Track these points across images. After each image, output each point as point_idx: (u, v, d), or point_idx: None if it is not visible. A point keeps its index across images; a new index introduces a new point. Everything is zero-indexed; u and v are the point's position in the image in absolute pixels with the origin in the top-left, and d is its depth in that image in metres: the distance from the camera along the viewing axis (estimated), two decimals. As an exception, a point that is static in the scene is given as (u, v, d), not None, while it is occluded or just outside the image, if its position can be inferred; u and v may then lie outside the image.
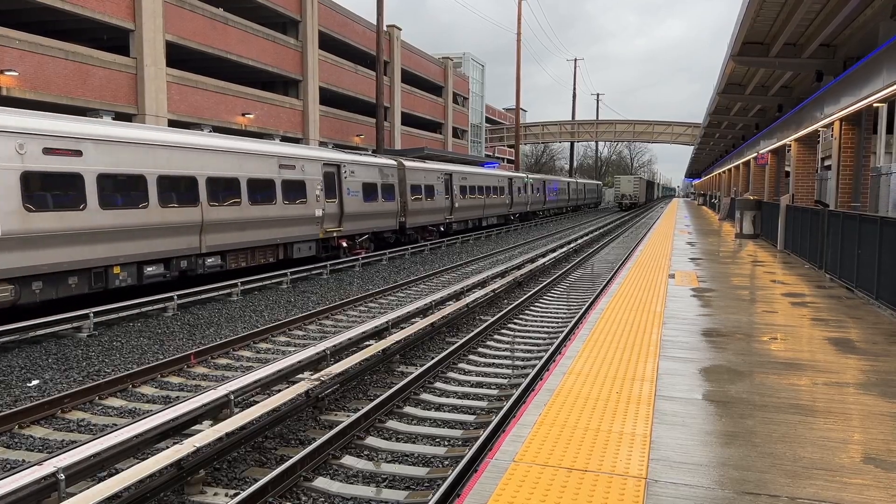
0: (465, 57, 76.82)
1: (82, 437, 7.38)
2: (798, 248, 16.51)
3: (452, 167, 33.47)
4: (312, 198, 20.39)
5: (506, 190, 42.09)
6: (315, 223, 20.71)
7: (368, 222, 24.16)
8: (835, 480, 4.12)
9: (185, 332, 12.58)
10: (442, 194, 31.34)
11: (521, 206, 46.92)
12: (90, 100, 24.42)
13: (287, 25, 37.83)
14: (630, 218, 59.98)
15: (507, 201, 42.68)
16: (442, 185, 31.38)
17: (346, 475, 6.39)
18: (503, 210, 42.10)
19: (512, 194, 43.67)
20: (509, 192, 42.91)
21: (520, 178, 46.45)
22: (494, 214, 40.37)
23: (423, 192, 29.30)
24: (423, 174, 29.47)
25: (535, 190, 50.47)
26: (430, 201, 30.02)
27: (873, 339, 7.96)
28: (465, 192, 34.30)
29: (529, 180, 48.72)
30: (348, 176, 22.62)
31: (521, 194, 45.93)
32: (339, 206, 22.02)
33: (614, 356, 6.97)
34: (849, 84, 13.94)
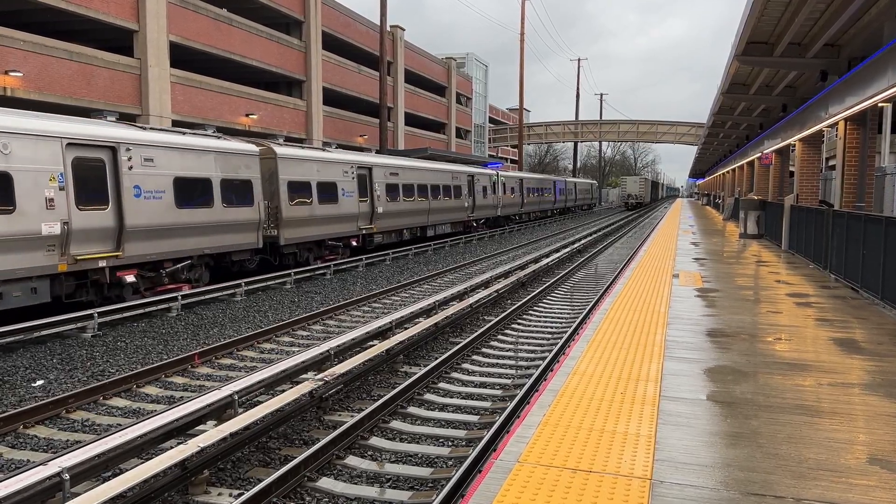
0: (468, 57, 76.80)
1: (87, 437, 7.39)
2: (802, 248, 16.47)
3: (374, 158, 25.23)
4: None
5: (464, 190, 34.10)
6: None
7: (187, 240, 15.60)
8: (840, 481, 4.10)
9: (189, 332, 12.59)
10: (353, 196, 22.72)
11: (488, 210, 38.80)
12: (94, 100, 24.46)
13: (290, 26, 37.86)
14: (634, 218, 59.88)
15: (466, 204, 34.39)
16: (353, 183, 22.83)
17: (350, 475, 6.39)
18: (459, 215, 33.70)
19: (473, 195, 35.72)
20: (469, 192, 35.02)
21: (485, 176, 38.23)
22: (446, 221, 31.96)
23: (315, 192, 20.63)
24: (313, 167, 20.72)
25: (509, 190, 42.85)
26: (328, 206, 21.29)
27: (878, 339, 7.93)
28: (395, 193, 26.00)
29: (501, 178, 41.05)
30: (137, 167, 14.22)
31: (487, 195, 38.05)
32: (117, 216, 13.74)
33: (618, 357, 6.96)
34: (853, 84, 13.91)
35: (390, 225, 25.98)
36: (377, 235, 25.06)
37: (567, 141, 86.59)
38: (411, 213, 27.77)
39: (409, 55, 53.20)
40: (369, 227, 24.08)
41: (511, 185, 43.39)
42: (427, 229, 30.02)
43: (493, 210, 39.56)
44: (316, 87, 39.00)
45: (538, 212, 52.93)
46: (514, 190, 43.90)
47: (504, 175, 42.14)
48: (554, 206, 57.76)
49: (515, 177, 45.22)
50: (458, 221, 33.86)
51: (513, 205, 44.11)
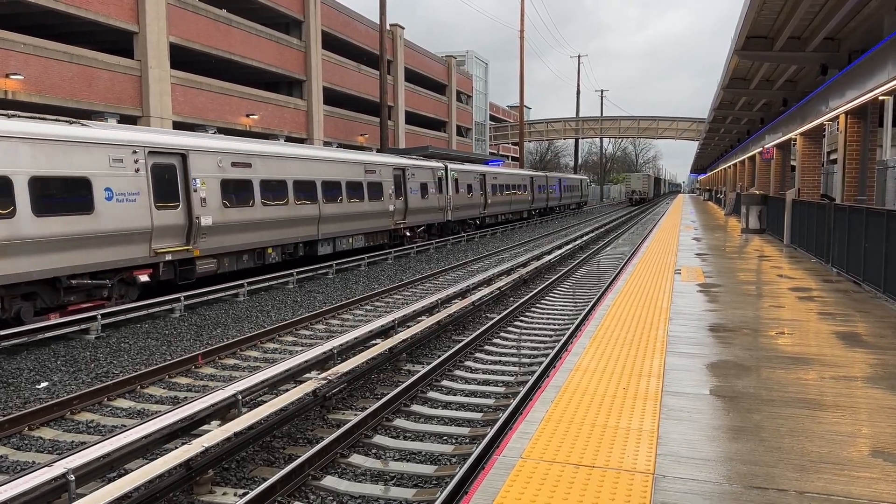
0: (468, 55, 76.79)
1: (91, 438, 7.41)
2: (804, 242, 16.46)
3: (192, 139, 16.14)
4: None
5: (387, 189, 25.12)
6: None
7: None
8: (843, 474, 4.11)
9: (193, 332, 12.62)
10: (135, 201, 14.03)
11: (431, 215, 29.56)
12: (95, 102, 24.50)
13: (290, 26, 37.89)
14: (638, 213, 59.85)
15: (391, 208, 25.35)
16: (134, 179, 14.25)
17: (354, 474, 6.40)
18: (379, 223, 24.62)
19: (405, 195, 26.64)
20: (398, 191, 26.10)
21: (425, 170, 28.90)
22: (354, 232, 22.92)
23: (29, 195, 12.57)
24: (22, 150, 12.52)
25: (464, 188, 33.79)
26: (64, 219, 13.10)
27: (881, 332, 7.93)
28: (242, 194, 17.19)
29: (453, 173, 32.21)
30: None
31: (428, 195, 28.96)
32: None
33: (621, 352, 6.97)
34: (854, 77, 13.89)
35: (233, 244, 16.81)
36: (203, 263, 15.79)
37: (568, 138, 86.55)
38: (279, 224, 18.55)
39: (409, 53, 53.19)
40: (181, 249, 15.13)
41: (468, 182, 34.49)
42: (319, 245, 20.80)
43: (438, 214, 30.40)
44: (316, 87, 39.02)
45: (509, 214, 43.66)
46: (472, 188, 34.92)
47: (458, 169, 33.30)
48: (532, 206, 48.64)
49: (474, 171, 36.08)
50: (379, 231, 24.82)
51: (471, 206, 35.10)
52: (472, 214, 35.78)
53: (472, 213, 35.72)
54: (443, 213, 31.04)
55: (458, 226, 34.15)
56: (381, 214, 24.73)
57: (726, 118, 35.84)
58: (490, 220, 39.63)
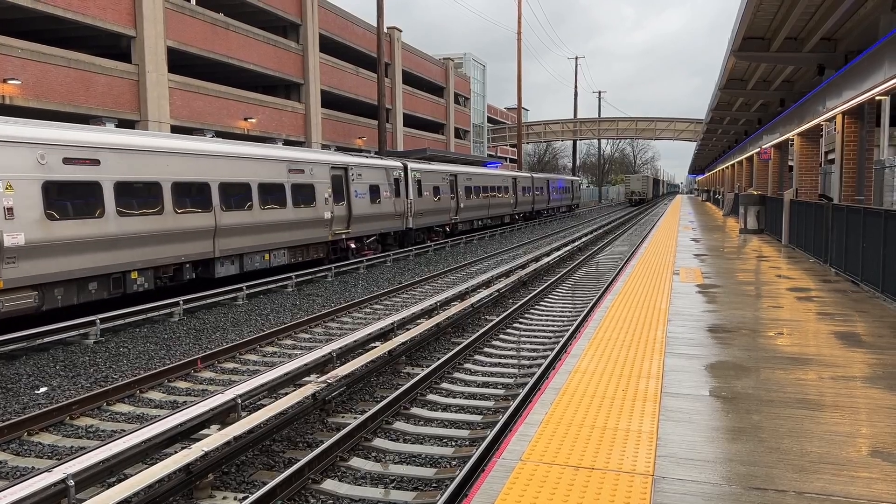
0: (465, 57, 76.85)
1: (91, 443, 7.41)
2: (803, 242, 16.48)
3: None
4: None
5: (323, 192, 20.75)
6: None
7: None
8: (842, 474, 4.12)
9: (192, 336, 12.61)
10: None
11: (386, 222, 25.29)
12: (93, 107, 24.49)
13: (288, 29, 37.90)
14: (637, 214, 59.91)
15: (328, 215, 20.93)
16: None
17: (354, 477, 6.40)
18: (313, 233, 20.39)
19: (349, 199, 22.31)
20: (340, 195, 21.86)
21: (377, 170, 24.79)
22: (276, 245, 18.69)
23: None
24: None
25: (430, 190, 29.61)
26: None
27: (879, 332, 7.94)
28: (86, 202, 13.33)
29: (415, 174, 28.05)
30: None
31: (381, 200, 24.72)
32: None
33: (620, 354, 6.97)
34: (850, 77, 13.92)
35: (69, 269, 12.71)
36: (12, 298, 11.70)
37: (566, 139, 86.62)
38: (150, 240, 14.40)
39: (406, 56, 53.23)
40: None
41: (434, 184, 30.18)
42: (217, 264, 16.55)
43: (394, 221, 26.05)
44: (314, 90, 39.03)
45: (488, 219, 39.14)
46: (439, 190, 30.72)
47: (420, 169, 28.94)
48: (515, 209, 44.22)
49: (443, 172, 31.64)
50: (311, 244, 20.45)
51: (438, 211, 30.70)
52: (441, 221, 31.44)
53: (441, 220, 31.42)
54: (402, 219, 26.81)
55: (423, 234, 29.73)
56: (314, 223, 20.31)
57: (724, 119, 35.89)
58: (464, 227, 35.32)
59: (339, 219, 21.82)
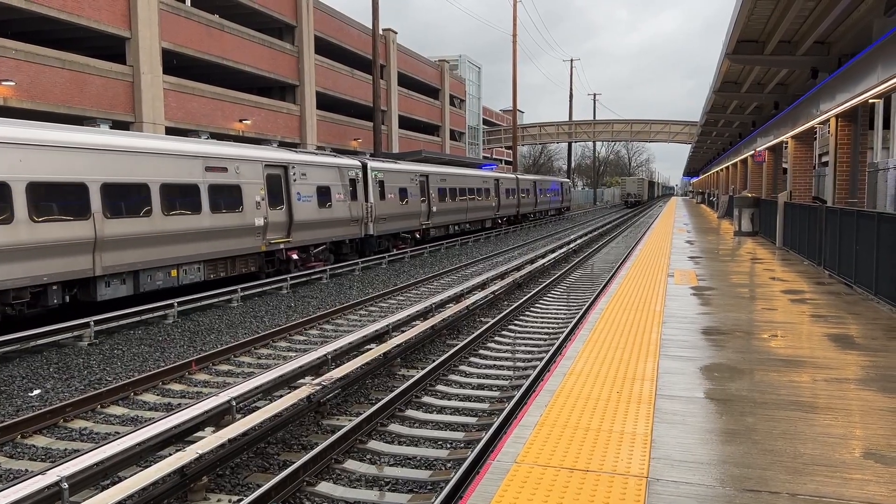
0: (461, 59, 76.98)
1: (85, 445, 7.39)
2: (796, 244, 16.53)
3: None
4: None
5: (253, 195, 17.89)
6: None
7: None
8: (835, 476, 4.13)
9: (186, 339, 12.59)
10: None
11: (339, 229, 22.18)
12: (87, 108, 24.45)
13: (283, 31, 37.90)
14: (632, 216, 60.01)
15: (259, 222, 18.02)
16: None
17: (348, 479, 6.40)
18: (239, 244, 17.44)
19: (289, 202, 19.40)
20: (279, 197, 19.01)
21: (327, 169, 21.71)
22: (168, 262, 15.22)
23: None
24: None
25: (396, 193, 26.71)
26: None
27: (873, 334, 7.98)
28: None
29: (376, 173, 25.09)
30: None
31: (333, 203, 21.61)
32: None
33: (614, 356, 6.99)
34: (844, 80, 13.97)
35: None
36: None
37: (561, 141, 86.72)
38: (7, 255, 11.69)
39: (402, 58, 53.26)
40: None
41: (401, 186, 27.32)
42: (99, 284, 13.63)
43: (350, 227, 22.93)
44: (309, 92, 39.02)
45: (466, 223, 36.21)
46: (407, 193, 27.87)
47: (383, 168, 25.89)
48: (498, 213, 41.86)
49: (412, 172, 28.79)
50: (238, 255, 17.42)
51: (406, 216, 27.84)
52: (409, 226, 28.43)
53: (409, 225, 28.40)
54: (360, 225, 23.63)
55: (387, 241, 26.57)
56: (241, 232, 17.29)
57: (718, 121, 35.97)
58: (438, 233, 32.23)
59: (277, 226, 18.87)
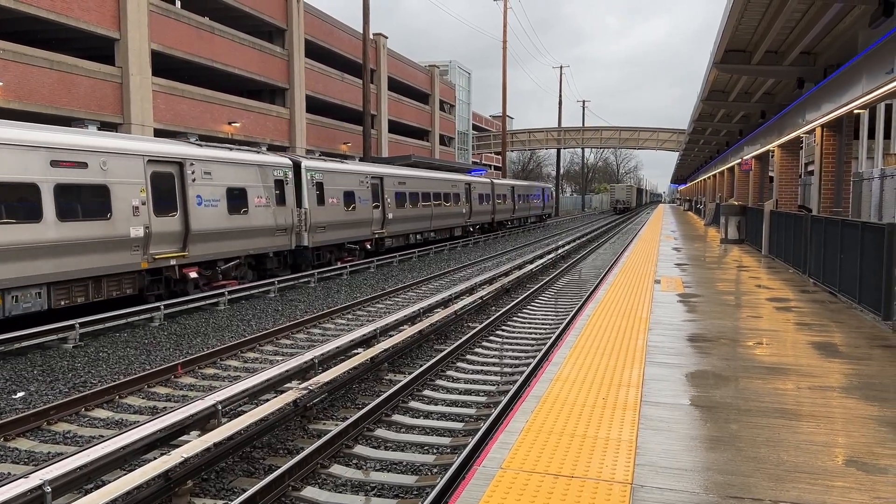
0: (451, 65, 77.07)
1: (69, 449, 7.33)
2: (782, 253, 16.67)
3: None
4: None
5: (119, 198, 14.14)
6: None
7: None
8: (818, 483, 4.17)
9: (172, 342, 12.52)
10: None
11: (260, 240, 18.75)
12: (75, 109, 24.31)
13: (273, 34, 37.85)
14: (620, 222, 60.24)
15: (137, 232, 14.52)
16: None
17: (334, 484, 6.39)
18: (93, 261, 13.49)
19: (184, 208, 15.99)
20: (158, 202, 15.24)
21: (239, 167, 18.09)
22: (30, 281, 12.22)
23: None
24: None
25: (340, 198, 22.89)
26: None
27: (856, 342, 8.05)
28: None
29: (310, 175, 21.36)
30: None
31: (245, 211, 18.07)
32: None
33: (601, 362, 7.02)
34: (829, 91, 14.12)
35: None
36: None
37: (550, 148, 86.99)
38: None
39: (392, 63, 53.30)
40: None
41: (346, 189, 23.40)
42: None
43: (277, 238, 19.40)
44: (299, 95, 38.97)
45: (431, 232, 32.71)
46: (354, 197, 23.91)
47: (322, 169, 22.12)
48: (469, 221, 38.27)
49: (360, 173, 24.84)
50: (109, 274, 14.10)
51: (355, 224, 24.03)
52: (358, 235, 24.48)
53: (358, 234, 24.46)
54: (289, 235, 20.03)
55: (328, 253, 22.77)
56: (109, 245, 13.91)
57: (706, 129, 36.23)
58: (395, 243, 28.48)
59: (166, 237, 15.42)
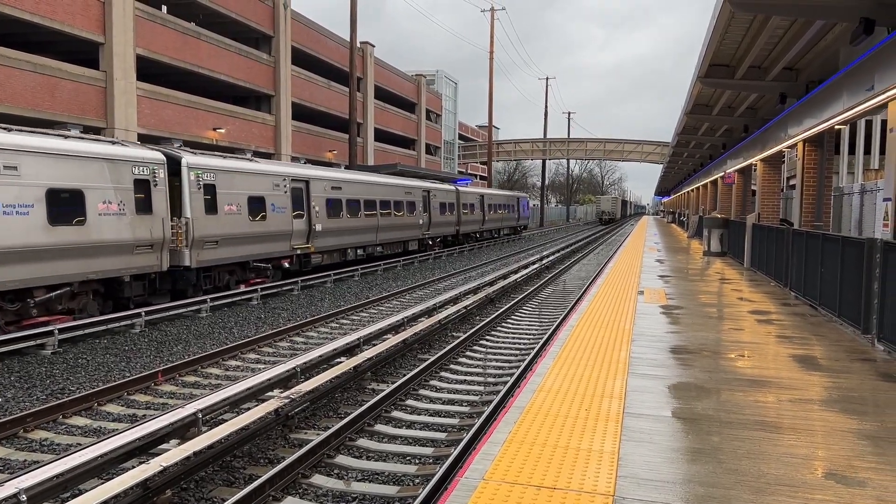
0: (438, 74, 77.27)
1: (45, 457, 7.22)
2: (764, 266, 16.81)
3: None
4: None
5: None
6: None
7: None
8: (797, 496, 4.20)
9: (153, 349, 12.40)
10: None
11: (114, 259, 14.19)
12: (58, 113, 24.08)
13: (259, 41, 37.77)
14: (605, 233, 60.55)
15: None
16: None
17: (315, 494, 6.34)
18: None
19: None
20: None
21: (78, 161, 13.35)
22: None
23: None
24: None
25: (237, 206, 18.30)
26: None
27: (836, 356, 8.13)
28: None
29: (193, 174, 16.73)
30: None
31: (82, 220, 13.39)
32: None
33: (584, 373, 7.03)
34: (811, 106, 14.31)
35: None
36: None
37: (535, 158, 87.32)
38: None
39: (378, 71, 53.36)
40: None
41: (251, 194, 18.92)
42: None
43: (133, 256, 14.99)
44: (285, 102, 38.89)
45: (378, 246, 27.95)
46: (266, 205, 19.51)
47: (215, 167, 17.55)
48: (426, 234, 33.34)
49: (273, 174, 20.02)
50: None
51: (265, 237, 19.48)
52: (272, 251, 19.80)
53: (270, 250, 19.70)
54: (158, 252, 15.56)
55: (227, 274, 18.23)
56: None
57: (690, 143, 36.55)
58: (328, 259, 23.64)
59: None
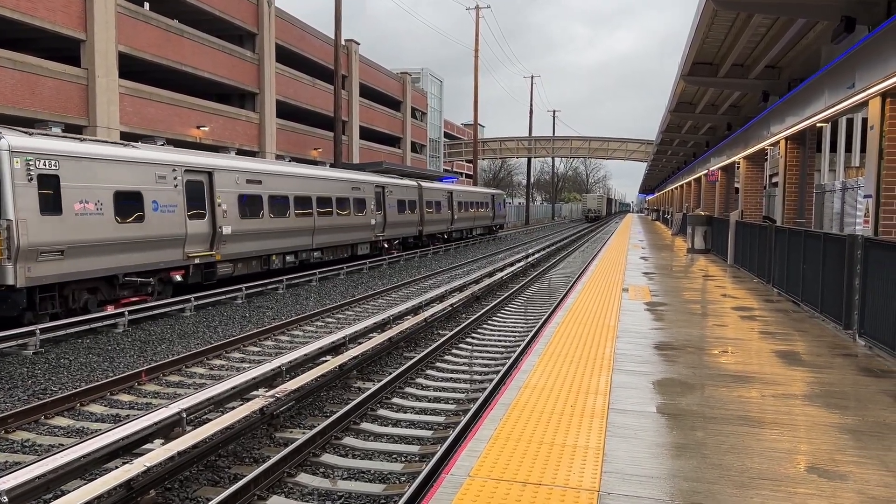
0: (423, 72, 77.23)
1: (27, 458, 7.15)
2: (747, 262, 16.95)
3: None
4: None
5: None
6: None
7: None
8: (780, 490, 4.23)
9: (136, 348, 12.30)
10: None
11: None
12: (39, 111, 23.82)
13: (244, 38, 37.56)
14: (591, 230, 60.79)
15: None
16: None
17: (301, 493, 6.32)
18: None
19: None
20: None
21: None
22: None
23: None
24: None
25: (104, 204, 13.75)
26: None
27: (818, 351, 8.21)
28: None
29: (36, 161, 12.30)
30: None
31: None
32: None
33: (569, 370, 7.06)
34: (793, 104, 14.43)
35: None
36: None
37: (521, 156, 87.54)
38: None
39: (363, 69, 53.23)
40: None
41: (123, 188, 14.56)
42: None
43: None
44: (269, 100, 38.70)
45: (316, 251, 23.48)
46: (143, 203, 15.09)
47: (56, 152, 12.89)
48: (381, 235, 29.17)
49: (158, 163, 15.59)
50: None
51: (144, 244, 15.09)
52: (154, 261, 15.59)
53: (154, 259, 15.58)
54: None
55: (87, 293, 14.19)
56: None
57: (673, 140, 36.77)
58: (242, 269, 19.19)
59: None
